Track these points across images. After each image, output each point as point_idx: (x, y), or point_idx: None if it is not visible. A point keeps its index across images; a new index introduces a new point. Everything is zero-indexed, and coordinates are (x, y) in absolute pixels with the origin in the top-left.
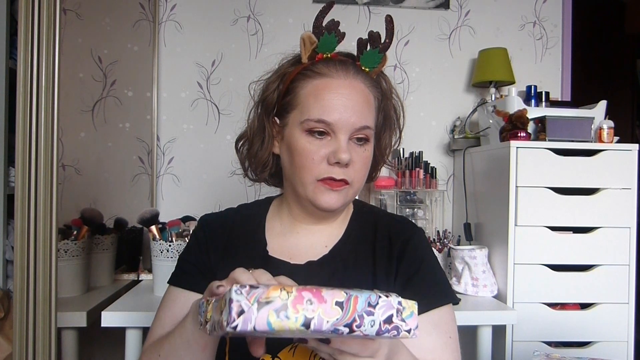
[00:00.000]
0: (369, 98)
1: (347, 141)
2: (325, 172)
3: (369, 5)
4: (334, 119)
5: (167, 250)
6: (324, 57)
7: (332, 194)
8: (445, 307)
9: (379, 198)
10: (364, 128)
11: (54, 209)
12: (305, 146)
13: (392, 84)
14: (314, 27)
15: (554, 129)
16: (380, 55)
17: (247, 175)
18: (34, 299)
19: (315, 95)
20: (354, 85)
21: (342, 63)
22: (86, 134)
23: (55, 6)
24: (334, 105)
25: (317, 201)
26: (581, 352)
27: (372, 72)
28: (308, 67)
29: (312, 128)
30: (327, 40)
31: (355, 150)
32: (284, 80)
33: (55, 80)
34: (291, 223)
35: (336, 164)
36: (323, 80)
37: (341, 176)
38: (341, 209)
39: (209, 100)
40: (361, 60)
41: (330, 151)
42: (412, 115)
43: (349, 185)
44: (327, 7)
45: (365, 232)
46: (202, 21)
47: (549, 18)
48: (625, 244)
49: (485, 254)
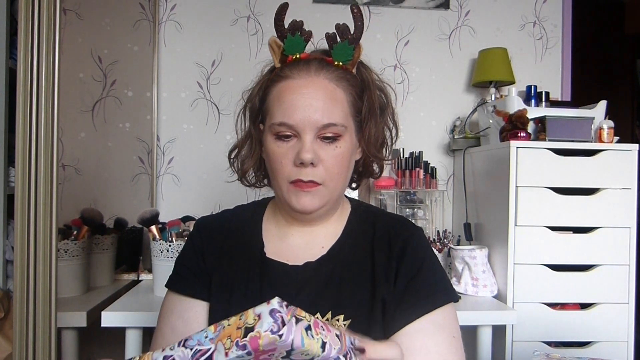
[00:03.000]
0: (334, 94)
1: (314, 140)
2: (294, 174)
3: (369, 5)
4: (295, 120)
5: (167, 250)
6: (294, 58)
7: (305, 196)
8: (448, 307)
9: (379, 198)
10: (329, 126)
11: (54, 209)
12: (274, 150)
13: (374, 74)
14: (276, 31)
15: (554, 129)
16: (351, 47)
17: (243, 181)
18: (34, 299)
19: (278, 98)
20: (317, 83)
21: (305, 63)
22: (86, 134)
23: (55, 6)
24: (294, 106)
25: (292, 204)
26: (581, 352)
27: (347, 65)
28: (277, 72)
29: (277, 132)
30: (292, 42)
31: (324, 149)
32: (261, 88)
33: (55, 80)
34: (287, 224)
35: (302, 165)
36: (285, 82)
37: (309, 177)
38: (324, 210)
39: (209, 100)
40: (333, 55)
41: (296, 152)
42: (412, 115)
43: (322, 185)
44: (282, 9)
45: (363, 232)
46: (202, 21)
47: (549, 18)
48: (625, 244)
49: (485, 254)
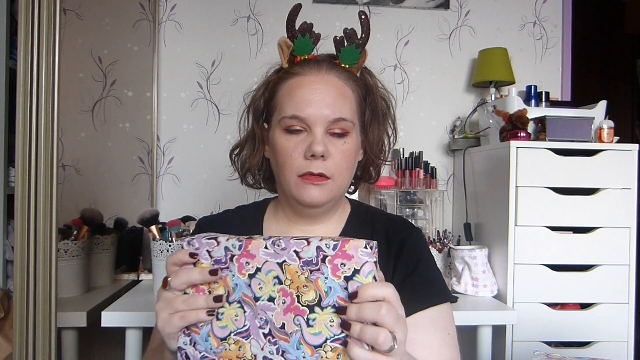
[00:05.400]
0: (344, 91)
1: (324, 134)
2: (304, 167)
3: (369, 5)
4: (307, 113)
5: (167, 250)
6: (302, 59)
7: (314, 188)
8: (444, 305)
9: (379, 198)
10: (339, 120)
11: (54, 209)
12: (284, 144)
13: (378, 80)
14: (287, 32)
15: (554, 129)
16: (358, 51)
17: (244, 181)
18: (34, 299)
19: (289, 93)
20: (327, 79)
21: (316, 62)
22: (86, 134)
23: (55, 6)
24: (306, 100)
25: (301, 197)
26: (581, 352)
27: (353, 68)
28: (286, 70)
29: (288, 126)
30: (302, 42)
31: (333, 143)
32: (268, 88)
33: (55, 80)
34: (287, 225)
35: (312, 157)
36: (296, 79)
37: (319, 170)
38: (329, 206)
39: (209, 100)
40: (340, 58)
41: (306, 146)
42: (412, 115)
43: (330, 179)
44: (295, 10)
45: (362, 232)
46: (202, 21)
47: (549, 18)
48: (625, 244)
49: (485, 254)
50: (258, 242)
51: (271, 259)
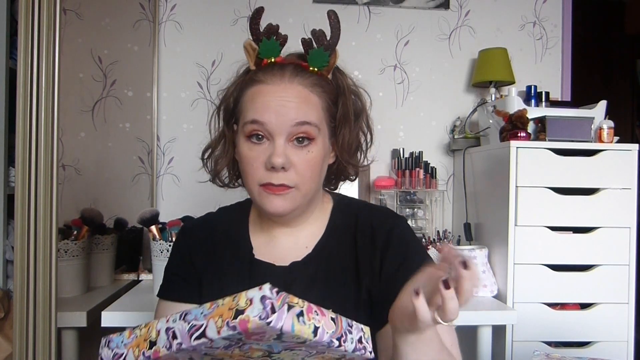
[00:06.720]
0: (309, 98)
1: (286, 144)
2: (265, 177)
3: (369, 5)
4: (267, 119)
5: (167, 250)
6: (269, 62)
7: (276, 198)
8: None
9: (379, 198)
10: (303, 124)
11: (54, 209)
12: (246, 153)
13: (349, 80)
14: (251, 35)
15: (554, 129)
16: (326, 54)
17: (216, 181)
18: (34, 299)
19: (251, 100)
20: (289, 88)
21: (280, 68)
22: (86, 134)
23: (55, 6)
24: (267, 106)
25: (264, 207)
26: (581, 352)
27: (322, 71)
28: (251, 76)
29: (249, 132)
30: (267, 45)
31: (296, 153)
32: (236, 88)
33: (55, 80)
34: (270, 225)
35: (272, 169)
36: (258, 86)
37: (280, 181)
38: (299, 211)
39: (209, 100)
40: (308, 61)
41: (267, 156)
42: (412, 115)
43: (294, 188)
44: (257, 13)
45: (346, 226)
46: (202, 21)
47: (549, 18)
48: (625, 244)
49: (485, 254)
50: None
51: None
